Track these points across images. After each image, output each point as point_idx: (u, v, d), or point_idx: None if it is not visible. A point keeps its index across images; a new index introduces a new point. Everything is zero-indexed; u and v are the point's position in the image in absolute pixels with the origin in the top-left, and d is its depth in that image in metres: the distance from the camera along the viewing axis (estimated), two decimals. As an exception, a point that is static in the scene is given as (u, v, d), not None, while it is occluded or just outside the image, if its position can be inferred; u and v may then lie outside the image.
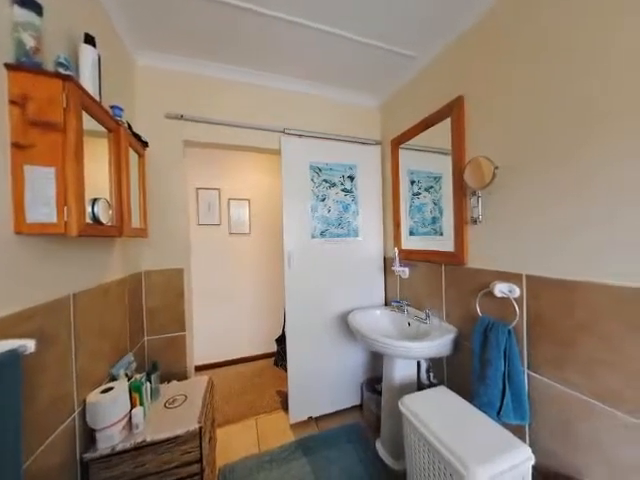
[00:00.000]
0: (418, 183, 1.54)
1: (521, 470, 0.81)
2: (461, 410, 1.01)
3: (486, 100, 1.10)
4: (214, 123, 1.49)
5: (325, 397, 1.71)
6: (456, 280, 1.27)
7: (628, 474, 0.73)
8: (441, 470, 0.88)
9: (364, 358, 1.83)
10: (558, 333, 0.87)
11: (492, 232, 1.09)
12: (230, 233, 2.55)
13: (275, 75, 1.58)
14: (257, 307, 2.66)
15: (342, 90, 1.75)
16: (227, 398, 1.98)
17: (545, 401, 0.92)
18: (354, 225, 1.78)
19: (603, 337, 0.76)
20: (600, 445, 0.78)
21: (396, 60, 1.45)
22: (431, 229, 1.46)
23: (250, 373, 2.36)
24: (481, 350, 1.05)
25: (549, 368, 0.90)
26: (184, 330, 1.47)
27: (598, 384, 0.78)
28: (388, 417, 1.37)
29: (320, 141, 1.70)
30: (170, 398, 1.16)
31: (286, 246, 1.60)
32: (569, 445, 0.86)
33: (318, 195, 1.69)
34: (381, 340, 1.23)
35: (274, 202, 2.66)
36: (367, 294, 1.81)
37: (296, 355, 1.62)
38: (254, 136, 1.58)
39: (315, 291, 1.67)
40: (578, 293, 0.81)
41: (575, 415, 0.84)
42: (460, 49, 1.23)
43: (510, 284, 1.00)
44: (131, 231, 1.03)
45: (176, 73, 1.44)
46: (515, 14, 0.98)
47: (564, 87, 0.85)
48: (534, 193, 0.94)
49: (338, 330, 1.73)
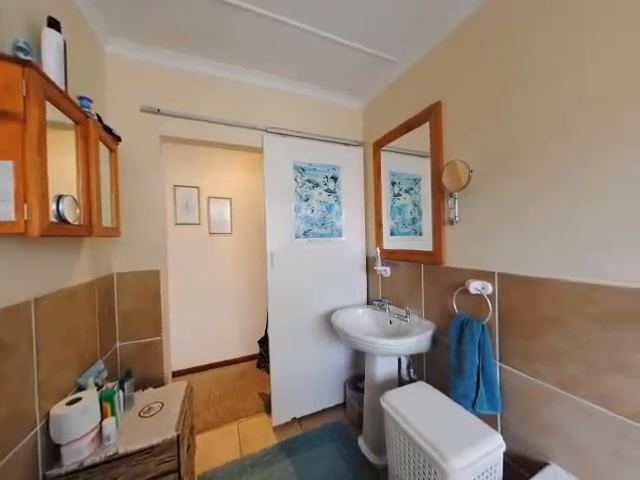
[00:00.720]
0: (399, 184, 1.59)
1: (494, 456, 0.86)
2: (439, 403, 1.05)
3: (462, 106, 1.16)
4: (194, 119, 1.44)
5: (308, 397, 1.71)
6: (434, 279, 1.32)
7: (585, 452, 0.79)
8: (420, 462, 0.91)
9: (347, 357, 1.85)
10: (526, 327, 0.93)
11: (467, 232, 1.15)
12: (210, 233, 2.48)
13: (258, 72, 1.55)
14: (239, 308, 2.60)
15: (326, 91, 1.76)
16: (207, 404, 1.92)
17: (515, 391, 0.98)
18: (337, 225, 1.80)
19: (566, 330, 0.83)
20: (562, 429, 0.85)
21: (378, 64, 1.48)
22: (411, 229, 1.50)
23: (232, 376, 2.31)
24: (457, 345, 1.10)
25: (518, 360, 0.96)
26: (160, 334, 1.40)
27: (561, 373, 0.84)
28: (370, 414, 1.40)
29: (304, 141, 1.70)
30: (145, 406, 1.10)
31: (269, 246, 1.58)
32: (535, 430, 0.92)
33: (301, 195, 1.69)
34: (363, 339, 1.25)
35: (256, 201, 2.61)
36: (350, 293, 1.83)
37: (279, 356, 1.61)
38: (236, 133, 1.55)
39: (298, 291, 1.67)
40: (544, 289, 0.88)
41: (540, 402, 0.90)
42: (438, 56, 1.28)
43: (484, 282, 1.06)
44: (102, 230, 0.97)
45: (152, 65, 1.37)
46: (490, 26, 1.04)
47: (530, 98, 0.91)
48: (504, 196, 1.00)
49: (321, 330, 1.74)
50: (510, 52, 0.97)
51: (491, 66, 1.03)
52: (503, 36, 0.99)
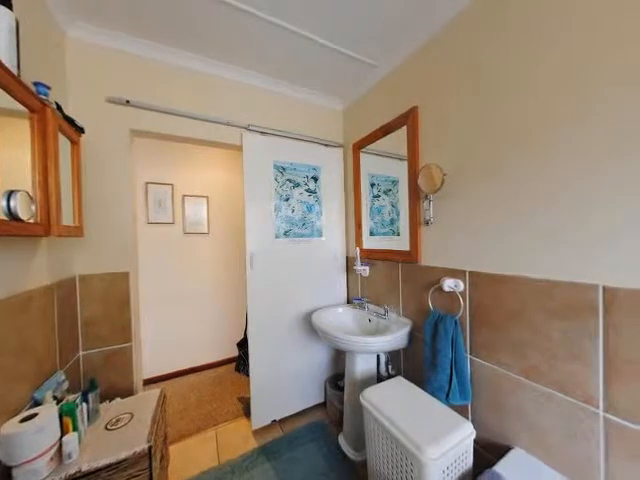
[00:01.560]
0: (378, 186, 1.63)
1: (465, 444, 0.91)
2: (415, 397, 1.09)
3: (436, 113, 1.21)
4: (169, 113, 1.37)
5: (289, 398, 1.70)
6: (411, 277, 1.37)
7: (545, 436, 0.87)
8: (398, 454, 0.94)
9: (327, 356, 1.86)
10: (494, 321, 1.00)
11: (441, 233, 1.20)
12: (185, 233, 2.37)
13: (238, 69, 1.51)
14: (217, 311, 2.52)
15: (308, 91, 1.75)
16: (183, 411, 1.83)
17: (483, 381, 1.04)
18: (318, 225, 1.80)
19: (528, 323, 0.90)
20: (525, 414, 0.91)
21: (360, 67, 1.51)
22: (389, 230, 1.55)
23: (209, 381, 2.22)
24: (432, 340, 1.15)
25: (486, 352, 1.03)
26: (130, 341, 1.32)
27: (524, 363, 0.91)
28: (350, 411, 1.42)
29: (284, 140, 1.68)
30: (113, 418, 1.03)
31: (248, 246, 1.54)
32: (501, 417, 0.99)
33: (282, 195, 1.67)
34: (344, 337, 1.27)
35: (235, 200, 2.55)
36: (330, 293, 1.85)
37: (259, 358, 1.58)
38: (214, 130, 1.50)
39: (278, 292, 1.65)
40: (509, 286, 0.95)
41: (506, 391, 0.97)
42: (416, 63, 1.32)
43: (456, 279, 1.11)
44: (62, 229, 0.89)
45: (121, 53, 1.28)
46: (462, 38, 1.10)
47: (494, 109, 0.97)
48: (473, 199, 1.06)
49: (302, 330, 1.73)
50: (478, 64, 1.03)
51: (462, 76, 1.09)
52: (473, 48, 1.05)
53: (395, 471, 0.96)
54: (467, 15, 1.07)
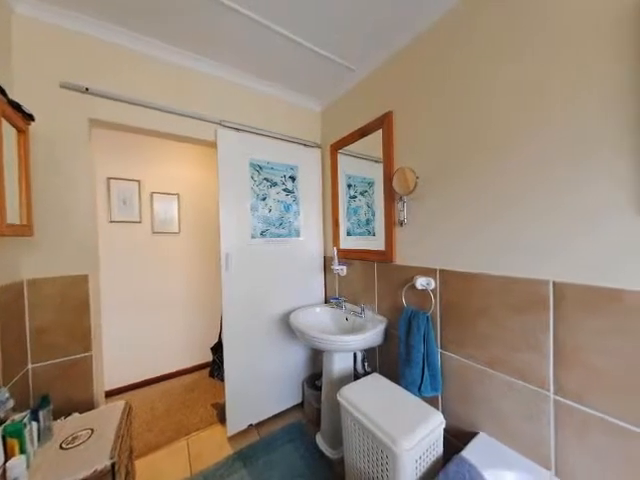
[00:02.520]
0: (354, 187, 1.66)
1: (436, 433, 0.96)
2: (390, 392, 1.13)
3: (410, 118, 1.26)
4: (133, 103, 1.28)
5: (266, 401, 1.67)
6: (386, 276, 1.41)
7: (506, 420, 0.94)
8: (373, 448, 0.96)
9: (305, 356, 1.86)
10: (462, 316, 1.06)
11: (415, 233, 1.25)
12: (154, 232, 2.23)
13: (214, 62, 1.45)
14: (189, 314, 2.40)
15: (286, 90, 1.73)
16: (151, 422, 1.72)
17: (452, 373, 1.11)
18: (295, 225, 1.79)
19: (492, 317, 0.97)
20: (490, 402, 0.99)
21: (338, 70, 1.52)
22: (365, 230, 1.58)
23: (181, 389, 2.11)
24: (406, 337, 1.19)
25: (455, 345, 1.09)
26: (90, 350, 1.21)
27: (488, 354, 0.99)
28: (327, 409, 1.43)
29: (261, 138, 1.65)
30: (69, 436, 0.93)
31: (223, 247, 1.49)
32: (468, 405, 1.06)
33: (259, 194, 1.63)
34: (321, 337, 1.27)
35: (209, 199, 2.45)
36: (308, 293, 1.84)
37: (234, 361, 1.53)
38: (186, 124, 1.42)
39: (255, 293, 1.61)
40: (475, 283, 1.01)
41: (473, 381, 1.04)
42: (391, 69, 1.37)
43: (428, 278, 1.17)
44: (5, 228, 0.79)
45: (81, 35, 1.17)
46: (433, 48, 1.15)
47: (461, 117, 1.04)
48: (443, 201, 1.12)
49: (279, 331, 1.71)
50: (447, 76, 1.09)
51: (433, 85, 1.15)
52: (442, 61, 1.11)
53: (371, 464, 0.99)
54: (438, 29, 1.13)
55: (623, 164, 0.69)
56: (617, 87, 0.70)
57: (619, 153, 0.70)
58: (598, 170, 0.73)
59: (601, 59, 0.72)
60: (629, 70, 0.68)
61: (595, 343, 0.74)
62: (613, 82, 0.70)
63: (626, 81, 0.68)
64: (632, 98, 0.67)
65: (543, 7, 0.82)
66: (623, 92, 0.69)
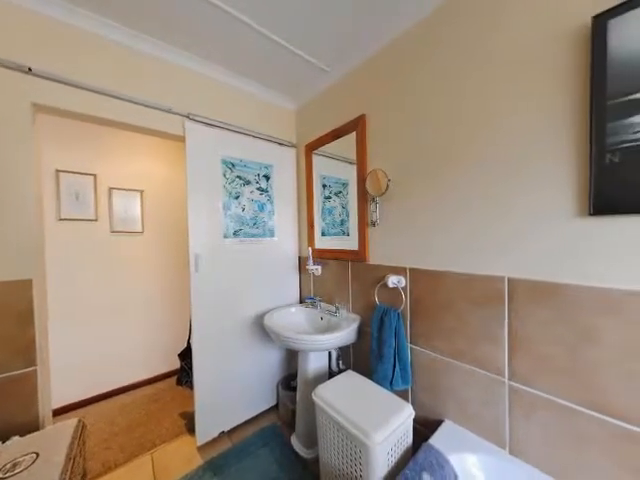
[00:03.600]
0: (329, 188, 1.68)
1: (406, 424, 1.01)
2: (363, 388, 1.16)
3: (382, 122, 1.31)
4: (86, 89, 1.16)
5: (239, 406, 1.62)
6: (360, 275, 1.45)
7: (467, 405, 1.02)
8: (347, 443, 0.98)
9: (280, 357, 1.84)
10: (429, 312, 1.13)
11: (386, 233, 1.30)
12: (113, 231, 2.05)
13: (183, 52, 1.38)
14: (154, 320, 2.24)
15: (260, 87, 1.70)
16: (109, 439, 1.58)
17: (421, 366, 1.17)
18: (270, 225, 1.76)
19: (455, 311, 1.04)
20: (454, 390, 1.06)
21: (313, 70, 1.53)
22: (340, 230, 1.61)
23: (144, 400, 1.97)
24: (378, 333, 1.24)
25: (424, 340, 1.16)
26: (34, 364, 1.07)
27: (452, 346, 1.06)
28: (303, 409, 1.43)
29: (234, 135, 1.60)
30: (8, 463, 0.82)
31: (192, 247, 1.42)
32: (435, 395, 1.12)
33: (231, 192, 1.58)
34: (296, 337, 1.27)
35: (177, 196, 2.31)
36: (282, 293, 1.83)
37: (204, 367, 1.46)
38: (150, 116, 1.33)
39: (227, 295, 1.56)
40: (441, 280, 1.08)
41: (439, 372, 1.10)
42: (364, 73, 1.40)
43: (399, 276, 1.22)
44: None
45: (23, 11, 1.04)
46: (402, 57, 1.21)
47: (428, 125, 1.10)
48: (412, 203, 1.18)
49: (253, 333, 1.67)
50: (416, 82, 1.15)
51: (403, 92, 1.20)
52: (412, 69, 1.17)
53: (345, 460, 1.01)
54: (409, 38, 1.18)
55: (563, 173, 0.78)
56: (557, 108, 0.79)
57: (560, 164, 0.79)
58: (543, 178, 0.82)
59: (545, 83, 0.81)
60: (565, 94, 0.77)
61: (541, 332, 0.83)
62: (554, 103, 0.79)
63: (563, 103, 0.77)
64: (569, 117, 0.77)
65: (491, 41, 0.90)
66: (563, 112, 0.78)
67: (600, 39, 0.69)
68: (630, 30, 0.65)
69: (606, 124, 0.69)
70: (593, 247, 0.74)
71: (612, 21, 0.67)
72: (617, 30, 0.67)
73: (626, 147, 0.67)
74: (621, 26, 0.66)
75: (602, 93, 0.69)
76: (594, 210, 0.72)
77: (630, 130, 0.66)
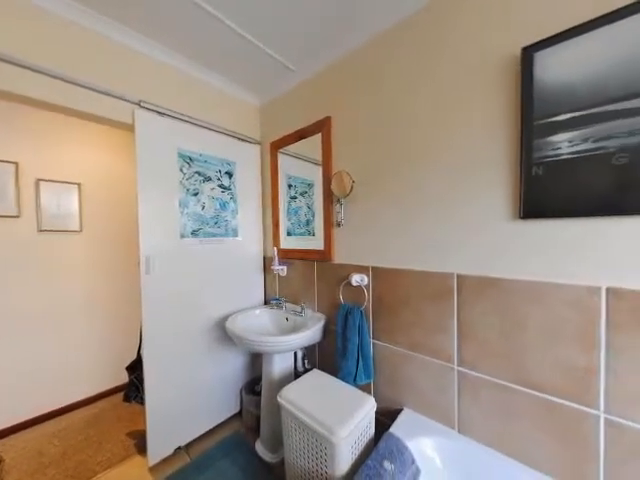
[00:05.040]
0: (295, 187, 1.67)
1: (369, 417, 1.05)
2: (328, 385, 1.18)
3: (347, 125, 1.34)
4: (13, 64, 0.98)
5: (199, 417, 1.52)
6: (325, 274, 1.47)
7: (423, 393, 1.10)
8: (313, 442, 0.99)
9: (243, 362, 1.77)
10: (390, 308, 1.19)
11: (350, 233, 1.34)
12: (41, 230, 1.76)
13: (137, 35, 1.25)
14: (96, 330, 1.98)
15: (223, 79, 1.61)
16: (36, 473, 1.35)
17: (382, 360, 1.23)
18: (233, 224, 1.69)
19: (413, 306, 1.12)
20: (412, 380, 1.14)
21: (278, 68, 1.50)
22: (305, 230, 1.61)
23: (82, 423, 1.73)
24: (343, 331, 1.27)
25: (385, 335, 1.22)
26: None
27: (410, 339, 1.13)
28: (268, 413, 1.39)
29: (193, 127, 1.49)
30: None
31: (143, 247, 1.29)
32: (395, 386, 1.19)
33: (189, 189, 1.47)
34: (260, 339, 1.24)
35: (124, 191, 2.08)
36: (246, 295, 1.76)
37: (157, 379, 1.34)
38: (90, 99, 1.17)
39: (185, 298, 1.45)
40: (401, 277, 1.15)
41: (398, 364, 1.18)
42: (330, 76, 1.42)
43: (362, 275, 1.27)
44: None
45: None
46: (366, 63, 1.26)
47: (393, 131, 1.17)
48: (375, 204, 1.23)
49: (215, 338, 1.58)
50: (381, 89, 1.21)
51: (368, 97, 1.26)
52: (376, 74, 1.22)
53: (311, 459, 1.01)
54: (372, 46, 1.23)
55: (502, 182, 0.90)
56: (496, 124, 0.90)
57: (499, 173, 0.90)
58: (487, 185, 0.93)
59: (486, 101, 0.92)
60: (502, 113, 0.88)
61: (483, 321, 0.94)
62: (494, 120, 0.90)
63: (500, 120, 0.89)
64: (506, 133, 0.88)
65: (442, 58, 0.99)
66: (500, 128, 0.89)
67: (528, 68, 0.81)
68: (551, 63, 0.78)
69: (533, 141, 0.81)
70: (522, 246, 0.86)
71: (538, 54, 0.79)
72: (541, 62, 0.79)
73: (548, 161, 0.79)
74: (544, 59, 0.78)
75: (530, 115, 0.81)
76: (524, 214, 0.84)
77: (550, 147, 0.78)
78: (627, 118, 0.68)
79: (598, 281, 0.75)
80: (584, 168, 0.74)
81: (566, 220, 0.79)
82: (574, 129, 0.75)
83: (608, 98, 0.70)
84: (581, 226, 0.77)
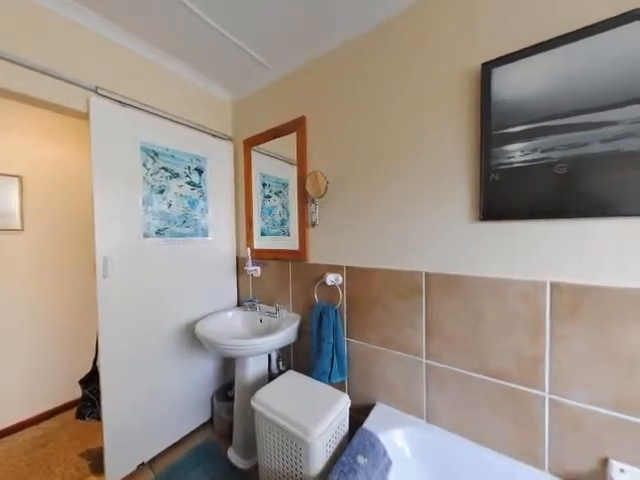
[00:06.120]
0: (269, 187, 1.64)
1: (343, 414, 1.07)
2: (303, 386, 1.18)
3: (322, 126, 1.35)
4: None
5: (165, 429, 1.42)
6: (300, 274, 1.46)
7: (395, 387, 1.15)
8: (287, 444, 0.98)
9: (215, 367, 1.70)
10: (363, 306, 1.22)
11: (325, 233, 1.35)
12: (-28, 229, 1.53)
13: (92, 14, 1.13)
14: (42, 341, 1.77)
15: (193, 71, 1.53)
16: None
17: (356, 357, 1.26)
18: (203, 224, 1.61)
19: (385, 304, 1.16)
20: (384, 376, 1.18)
21: (252, 64, 1.46)
22: (280, 230, 1.59)
23: (26, 446, 1.53)
24: (318, 330, 1.27)
25: (358, 332, 1.25)
26: None
27: (382, 336, 1.17)
28: (241, 418, 1.35)
29: (159, 120, 1.39)
30: None
31: (100, 248, 1.17)
32: (368, 383, 1.23)
33: (154, 185, 1.38)
34: (233, 343, 1.20)
35: (75, 186, 1.88)
36: (218, 297, 1.69)
37: (116, 391, 1.23)
38: (38, 82, 1.04)
39: (149, 303, 1.35)
40: (372, 277, 1.19)
41: (371, 360, 1.21)
42: (305, 75, 1.42)
43: (336, 274, 1.29)
44: None
45: None
46: (342, 65, 1.28)
47: (367, 134, 1.20)
48: (349, 205, 1.26)
49: (184, 343, 1.50)
50: (355, 91, 1.23)
51: (342, 100, 1.28)
52: (350, 77, 1.25)
53: (285, 461, 1.00)
54: (349, 49, 1.25)
55: (465, 186, 0.97)
56: (460, 133, 0.97)
57: (463, 178, 0.97)
58: (452, 189, 0.99)
59: (452, 110, 0.98)
60: (465, 122, 0.95)
61: (448, 316, 1.01)
62: (458, 129, 0.97)
63: (464, 129, 0.96)
64: (468, 141, 0.95)
65: (413, 68, 1.05)
66: (463, 137, 0.96)
67: (486, 82, 0.88)
68: (507, 79, 0.85)
69: (491, 150, 0.88)
70: (482, 245, 0.94)
71: (495, 69, 0.87)
72: (498, 77, 0.87)
73: (503, 168, 0.87)
74: (501, 75, 0.86)
75: (488, 125, 0.88)
76: (483, 216, 0.91)
77: (505, 156, 0.86)
78: (567, 133, 0.77)
79: (544, 276, 0.84)
80: (532, 175, 0.82)
81: (518, 222, 0.87)
82: (525, 140, 0.83)
83: (552, 114, 0.79)
84: (530, 227, 0.85)
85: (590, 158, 0.74)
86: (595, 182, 0.74)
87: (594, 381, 0.77)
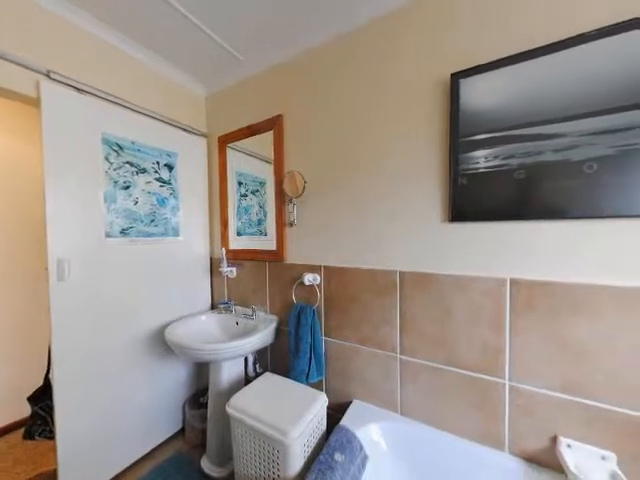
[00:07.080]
0: (245, 185, 1.60)
1: (321, 413, 1.07)
2: (280, 387, 1.17)
3: (300, 125, 1.35)
4: None
5: (129, 443, 1.32)
6: (278, 275, 1.44)
7: (371, 383, 1.18)
8: (264, 447, 0.96)
9: (186, 374, 1.62)
10: (340, 305, 1.24)
11: (303, 233, 1.35)
12: None
13: None
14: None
15: (162, 60, 1.44)
16: None
17: (333, 356, 1.27)
18: (173, 222, 1.52)
19: (362, 302, 1.18)
20: (361, 373, 1.20)
21: (226, 57, 1.41)
22: (257, 230, 1.56)
23: (-43, 476, 1.33)
24: (295, 330, 1.27)
25: (336, 331, 1.26)
26: None
27: (359, 334, 1.20)
28: (215, 425, 1.30)
29: (124, 111, 1.29)
30: None
31: (55, 250, 1.06)
32: (345, 380, 1.24)
33: (117, 181, 1.27)
34: (205, 348, 1.15)
35: (24, 179, 1.68)
36: (191, 300, 1.61)
37: (72, 407, 1.12)
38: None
39: (110, 308, 1.25)
40: (350, 276, 1.21)
41: (348, 358, 1.23)
42: (283, 72, 1.40)
43: (314, 274, 1.29)
44: None
45: None
46: (322, 66, 1.28)
47: (343, 135, 1.21)
48: (327, 205, 1.27)
49: (150, 350, 1.40)
50: (330, 93, 1.24)
51: (321, 100, 1.28)
52: (327, 76, 1.25)
53: (262, 465, 0.98)
54: (327, 49, 1.26)
55: (436, 189, 1.02)
56: (431, 139, 1.02)
57: (434, 181, 1.02)
58: (424, 191, 1.04)
59: (424, 117, 1.03)
60: (437, 129, 1.00)
61: (420, 312, 1.05)
62: (430, 135, 1.02)
63: (435, 136, 1.01)
64: (439, 147, 1.00)
65: (388, 74, 1.08)
66: (434, 143, 1.01)
67: (455, 92, 0.94)
68: (473, 90, 0.91)
69: (459, 155, 0.94)
70: (451, 245, 1.00)
71: (463, 80, 0.93)
72: (465, 88, 0.92)
73: (470, 173, 0.93)
74: (468, 85, 0.92)
75: (457, 132, 0.94)
76: (452, 217, 0.97)
77: (472, 161, 0.92)
78: (525, 142, 0.85)
79: (505, 273, 0.91)
80: (495, 180, 0.89)
81: (483, 223, 0.94)
82: (488, 147, 0.90)
83: (512, 125, 0.86)
84: (494, 228, 0.92)
85: (545, 166, 0.82)
86: (548, 188, 0.82)
87: (546, 367, 0.86)
